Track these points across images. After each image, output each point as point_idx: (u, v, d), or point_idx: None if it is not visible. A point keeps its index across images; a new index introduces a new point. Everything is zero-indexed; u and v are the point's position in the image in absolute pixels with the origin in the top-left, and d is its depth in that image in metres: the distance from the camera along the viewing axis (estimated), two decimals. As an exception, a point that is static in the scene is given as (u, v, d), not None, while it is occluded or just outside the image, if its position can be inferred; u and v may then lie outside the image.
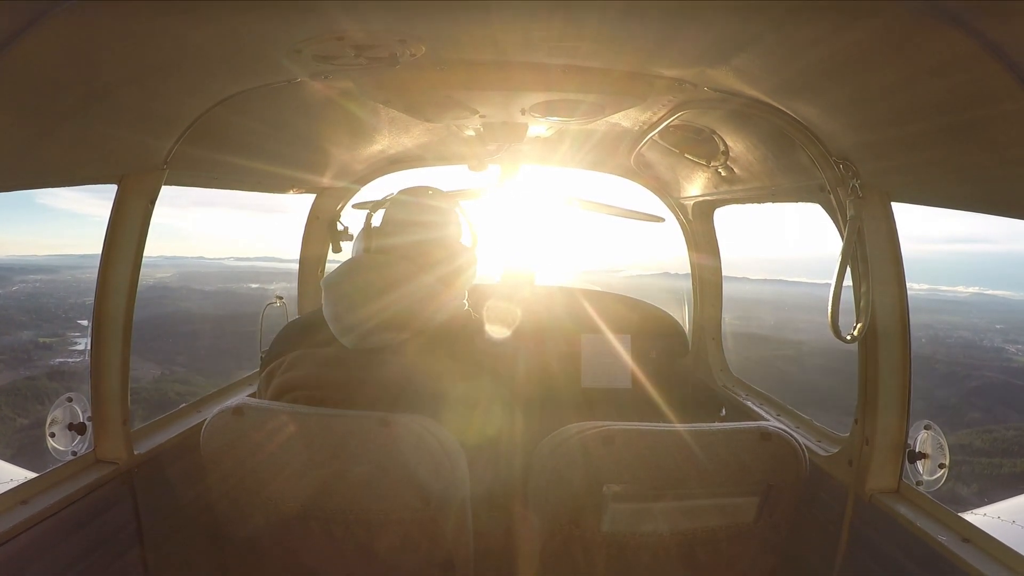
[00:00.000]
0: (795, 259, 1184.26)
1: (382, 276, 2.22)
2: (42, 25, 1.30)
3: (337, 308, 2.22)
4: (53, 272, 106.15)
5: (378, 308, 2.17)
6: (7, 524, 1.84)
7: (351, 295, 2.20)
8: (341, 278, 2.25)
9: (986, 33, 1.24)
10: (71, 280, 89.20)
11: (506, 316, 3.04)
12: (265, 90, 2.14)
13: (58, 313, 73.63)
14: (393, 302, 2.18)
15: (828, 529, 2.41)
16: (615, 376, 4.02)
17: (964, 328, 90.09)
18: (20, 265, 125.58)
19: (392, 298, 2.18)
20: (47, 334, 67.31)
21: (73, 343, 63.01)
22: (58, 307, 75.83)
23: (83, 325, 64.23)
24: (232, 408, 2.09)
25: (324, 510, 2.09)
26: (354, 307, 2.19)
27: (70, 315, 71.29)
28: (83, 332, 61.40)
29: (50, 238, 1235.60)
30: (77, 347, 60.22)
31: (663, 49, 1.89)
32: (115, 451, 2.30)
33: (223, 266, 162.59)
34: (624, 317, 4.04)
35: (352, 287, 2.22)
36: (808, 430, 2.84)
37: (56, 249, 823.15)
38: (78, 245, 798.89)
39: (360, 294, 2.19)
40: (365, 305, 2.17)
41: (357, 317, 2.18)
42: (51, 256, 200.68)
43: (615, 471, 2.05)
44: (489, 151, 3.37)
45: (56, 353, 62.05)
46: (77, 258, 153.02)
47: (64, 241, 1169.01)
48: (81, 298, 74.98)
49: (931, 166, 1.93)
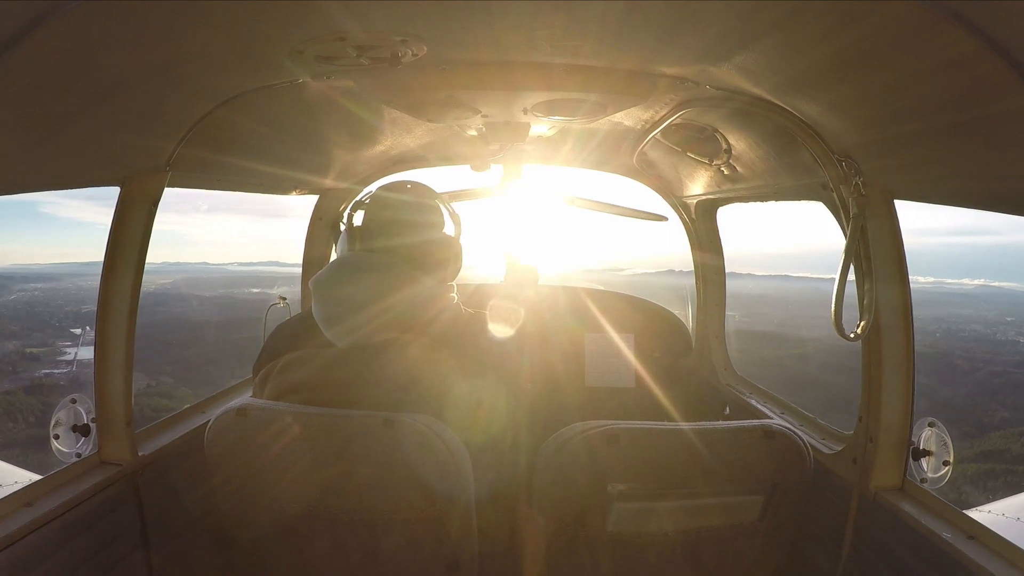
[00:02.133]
0: (798, 254, 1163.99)
1: (371, 274, 2.20)
2: (44, 27, 1.30)
3: (327, 310, 2.20)
4: (54, 280, 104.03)
5: (370, 308, 2.15)
6: (12, 526, 1.85)
7: (341, 295, 2.19)
8: (330, 278, 2.23)
9: (988, 31, 1.24)
10: (71, 288, 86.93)
11: (510, 315, 3.04)
12: (267, 91, 2.14)
13: (51, 322, 71.15)
14: (384, 301, 2.16)
15: (833, 527, 2.40)
16: (619, 375, 4.02)
17: (976, 321, 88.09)
18: (22, 274, 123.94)
19: (382, 297, 2.16)
20: (36, 344, 64.42)
21: (62, 353, 60.42)
22: (52, 316, 73.25)
23: (75, 334, 62.10)
24: (236, 409, 2.09)
25: (329, 510, 2.09)
26: (345, 307, 2.17)
27: (63, 324, 68.78)
28: (74, 341, 59.53)
29: (53, 247, 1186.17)
30: (66, 357, 58.05)
31: (665, 48, 1.88)
32: (119, 453, 2.30)
33: (226, 271, 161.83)
34: (628, 316, 4.04)
35: (341, 287, 2.20)
36: (812, 428, 2.84)
37: (59, 257, 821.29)
38: (81, 253, 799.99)
39: (349, 295, 2.17)
40: (356, 305, 2.16)
41: (348, 318, 2.16)
42: (54, 264, 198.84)
43: (620, 470, 2.05)
44: (492, 151, 3.37)
45: (43, 364, 59.12)
46: (79, 266, 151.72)
47: (67, 249, 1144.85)
48: (77, 306, 72.58)
49: (934, 164, 1.93)
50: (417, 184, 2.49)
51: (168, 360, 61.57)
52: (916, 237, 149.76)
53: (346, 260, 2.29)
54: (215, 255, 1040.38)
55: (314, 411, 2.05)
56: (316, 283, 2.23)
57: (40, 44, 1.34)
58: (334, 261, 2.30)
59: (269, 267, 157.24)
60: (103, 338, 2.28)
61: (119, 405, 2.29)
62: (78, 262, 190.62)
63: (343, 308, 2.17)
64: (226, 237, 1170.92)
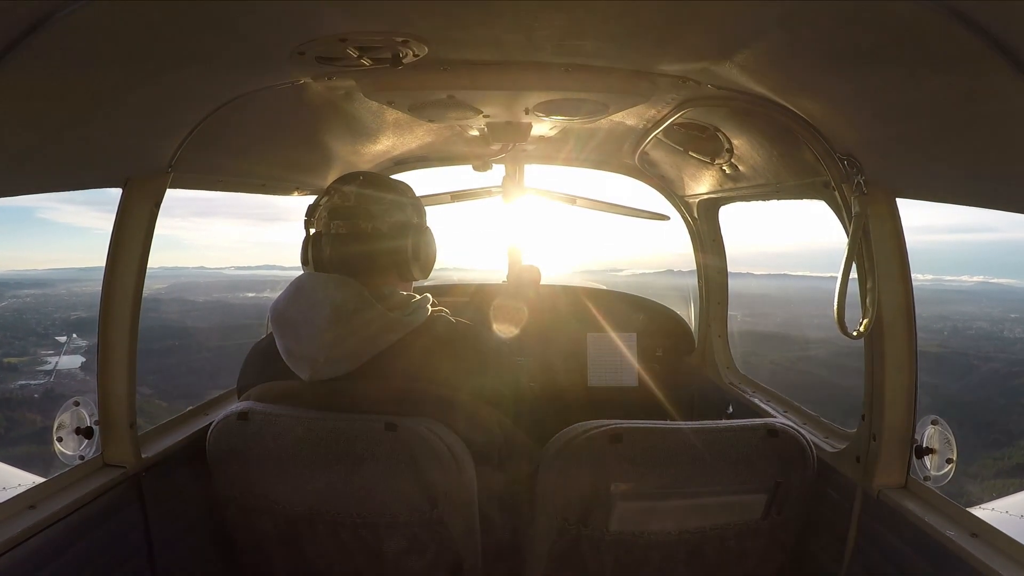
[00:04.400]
0: (796, 253, 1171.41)
1: (328, 301, 2.05)
2: (46, 29, 1.30)
3: (286, 341, 2.12)
4: (48, 286, 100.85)
5: (328, 339, 2.04)
6: (15, 529, 1.85)
7: (299, 325, 2.08)
8: (287, 305, 2.13)
9: (990, 29, 1.24)
10: (65, 294, 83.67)
11: (512, 316, 3.04)
12: (269, 92, 2.14)
13: (36, 329, 65.99)
14: (345, 332, 2.05)
15: (836, 525, 2.40)
16: (621, 375, 4.02)
17: (980, 318, 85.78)
18: (16, 280, 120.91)
19: (343, 328, 2.05)
20: (15, 353, 58.77)
21: (43, 362, 55.01)
22: (39, 323, 68.21)
23: (60, 342, 58.43)
24: (237, 412, 2.10)
25: (331, 513, 2.09)
26: (303, 339, 2.07)
27: (49, 331, 63.89)
28: (58, 350, 55.91)
29: (50, 252, 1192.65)
30: (46, 367, 53.34)
31: (666, 46, 1.88)
32: (122, 455, 2.30)
33: (223, 275, 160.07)
34: (629, 315, 4.05)
35: (299, 315, 2.09)
36: (815, 427, 2.84)
37: (56, 263, 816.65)
38: (78, 258, 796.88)
39: (308, 324, 2.05)
40: (315, 336, 2.05)
41: (310, 350, 2.06)
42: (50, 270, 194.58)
43: (622, 470, 2.05)
44: (493, 151, 3.37)
45: (19, 375, 53.20)
46: (76, 271, 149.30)
47: (64, 255, 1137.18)
48: (68, 312, 68.18)
49: (936, 162, 1.93)
50: (369, 175, 2.33)
51: (148, 370, 56.82)
52: (914, 235, 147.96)
53: (300, 284, 2.17)
54: (213, 260, 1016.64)
55: (315, 415, 2.05)
56: (272, 310, 2.16)
57: (42, 46, 1.35)
58: (290, 284, 2.18)
59: (268, 271, 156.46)
60: (105, 341, 2.28)
61: (122, 407, 2.29)
62: (75, 267, 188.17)
63: (300, 338, 2.09)
64: (225, 242, 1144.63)
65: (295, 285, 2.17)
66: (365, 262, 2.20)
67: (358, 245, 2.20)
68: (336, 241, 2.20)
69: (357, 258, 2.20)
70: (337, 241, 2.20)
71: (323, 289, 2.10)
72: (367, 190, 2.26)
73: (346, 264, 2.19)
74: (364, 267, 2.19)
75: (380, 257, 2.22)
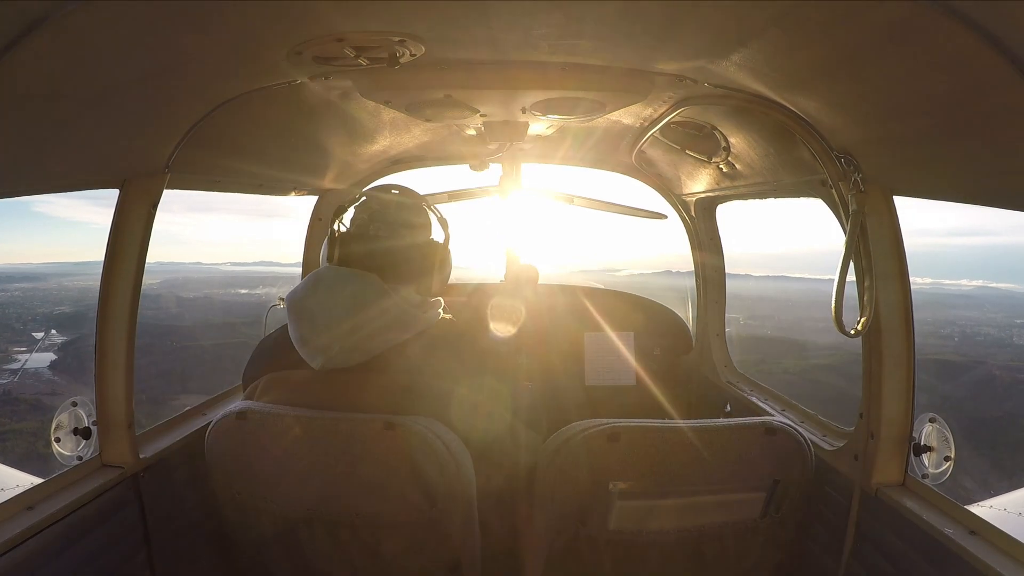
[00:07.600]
0: (794, 255, 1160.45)
1: (348, 291, 2.10)
2: (43, 30, 1.30)
3: (302, 330, 2.13)
4: (40, 280, 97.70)
5: (346, 328, 2.07)
6: (14, 530, 1.85)
7: (316, 314, 2.10)
8: (305, 294, 2.15)
9: (988, 27, 1.24)
10: (55, 288, 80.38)
11: (510, 315, 3.04)
12: (266, 92, 2.14)
13: (15, 325, 62.92)
14: (362, 321, 2.08)
15: (834, 523, 2.41)
16: (619, 374, 4.02)
17: (987, 324, 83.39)
18: (7, 274, 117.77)
19: (360, 317, 2.07)
20: None
21: (12, 360, 51.81)
22: (19, 318, 65.13)
23: (37, 338, 56.05)
24: (236, 412, 2.09)
25: (330, 513, 2.09)
26: (319, 328, 2.09)
27: (28, 327, 61.00)
28: (30, 347, 53.19)
29: (46, 246, 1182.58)
30: (14, 365, 50.24)
31: (663, 45, 1.88)
32: (120, 455, 2.30)
33: (218, 271, 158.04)
34: (627, 315, 4.05)
35: (317, 305, 2.11)
36: (813, 425, 2.84)
37: (51, 257, 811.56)
38: (74, 253, 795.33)
39: (325, 313, 2.09)
40: (331, 326, 2.07)
41: (324, 339, 2.08)
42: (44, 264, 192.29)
43: (621, 469, 2.05)
44: (490, 150, 3.37)
45: None
46: (71, 265, 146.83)
47: (60, 249, 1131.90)
48: (52, 307, 66.01)
49: (933, 160, 1.93)
50: (404, 189, 2.39)
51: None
52: (912, 238, 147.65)
53: (321, 276, 2.19)
54: (209, 255, 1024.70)
55: (314, 414, 2.04)
56: (289, 300, 2.17)
57: (39, 47, 1.34)
58: (309, 276, 2.21)
59: (266, 267, 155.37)
60: (103, 341, 2.28)
61: (120, 408, 2.29)
62: (70, 262, 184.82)
63: (316, 327, 2.10)
64: (222, 238, 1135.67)
65: (314, 277, 2.19)
66: (391, 266, 2.23)
67: (391, 251, 2.25)
68: (370, 242, 2.24)
69: (385, 261, 2.23)
70: (371, 242, 2.24)
71: (344, 280, 2.13)
72: (408, 199, 2.35)
73: (373, 263, 2.21)
74: (389, 270, 2.21)
75: (408, 265, 2.27)
